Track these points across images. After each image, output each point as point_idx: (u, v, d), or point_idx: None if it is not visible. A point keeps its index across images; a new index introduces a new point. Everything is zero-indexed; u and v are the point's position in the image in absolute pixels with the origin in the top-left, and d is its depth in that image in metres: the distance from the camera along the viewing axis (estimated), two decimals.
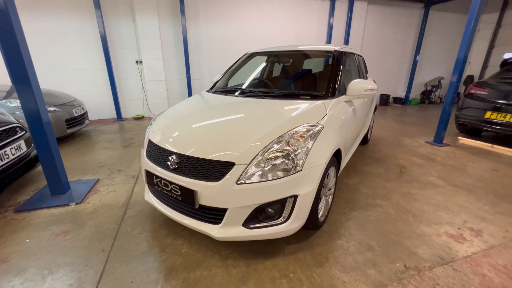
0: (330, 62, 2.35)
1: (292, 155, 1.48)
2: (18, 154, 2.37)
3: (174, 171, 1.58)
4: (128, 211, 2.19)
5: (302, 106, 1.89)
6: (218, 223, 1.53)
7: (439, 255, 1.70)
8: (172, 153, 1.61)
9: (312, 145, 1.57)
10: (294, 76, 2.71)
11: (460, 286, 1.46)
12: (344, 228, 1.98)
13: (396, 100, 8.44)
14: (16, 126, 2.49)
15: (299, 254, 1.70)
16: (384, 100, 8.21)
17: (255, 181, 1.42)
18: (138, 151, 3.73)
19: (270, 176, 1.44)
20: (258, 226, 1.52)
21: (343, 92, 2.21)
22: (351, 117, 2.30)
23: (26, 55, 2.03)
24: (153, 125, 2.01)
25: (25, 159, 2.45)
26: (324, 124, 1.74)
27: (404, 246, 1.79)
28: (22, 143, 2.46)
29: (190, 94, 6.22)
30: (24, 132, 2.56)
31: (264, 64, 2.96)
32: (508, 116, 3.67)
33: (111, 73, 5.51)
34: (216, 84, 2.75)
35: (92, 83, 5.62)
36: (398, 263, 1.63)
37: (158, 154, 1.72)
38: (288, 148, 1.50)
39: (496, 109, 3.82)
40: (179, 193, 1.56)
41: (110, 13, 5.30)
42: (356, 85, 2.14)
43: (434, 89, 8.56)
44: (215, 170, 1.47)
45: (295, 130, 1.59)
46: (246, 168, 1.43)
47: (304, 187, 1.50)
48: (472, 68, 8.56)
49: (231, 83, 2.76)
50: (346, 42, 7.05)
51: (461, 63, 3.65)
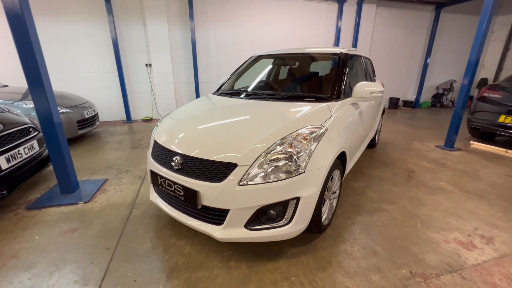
0: (336, 64, 2.33)
1: (295, 157, 1.48)
2: (31, 153, 2.46)
3: (178, 171, 1.60)
4: (133, 211, 2.23)
5: (306, 108, 1.89)
6: (220, 224, 1.53)
7: (447, 262, 1.65)
8: (176, 153, 1.63)
9: (315, 147, 1.56)
10: (300, 78, 2.71)
11: None
12: (348, 232, 1.95)
13: (406, 103, 8.29)
14: (30, 127, 2.59)
15: (301, 258, 1.69)
16: (393, 103, 8.07)
17: (257, 182, 1.42)
18: (145, 152, 3.80)
19: (272, 177, 1.43)
20: (260, 228, 1.51)
21: (348, 94, 2.19)
22: (357, 119, 2.27)
23: (40, 60, 2.11)
24: (159, 126, 2.04)
25: (37, 159, 2.54)
26: (328, 126, 1.73)
27: (411, 252, 1.74)
28: (35, 143, 2.55)
29: (197, 97, 6.30)
30: (37, 132, 2.65)
31: (269, 67, 2.97)
32: None
33: (122, 76, 5.65)
34: (222, 87, 2.78)
35: (104, 86, 5.78)
36: (403, 269, 1.59)
37: (162, 154, 1.74)
38: (291, 150, 1.50)
39: (510, 112, 3.69)
40: (182, 193, 1.57)
41: (121, 18, 5.46)
42: (362, 87, 2.12)
43: (446, 92, 8.36)
44: (217, 171, 1.48)
45: (299, 132, 1.58)
46: (248, 169, 1.43)
47: (306, 189, 1.49)
48: (486, 71, 8.32)
49: (237, 86, 2.79)
50: (355, 44, 6.99)
51: (472, 66, 3.55)
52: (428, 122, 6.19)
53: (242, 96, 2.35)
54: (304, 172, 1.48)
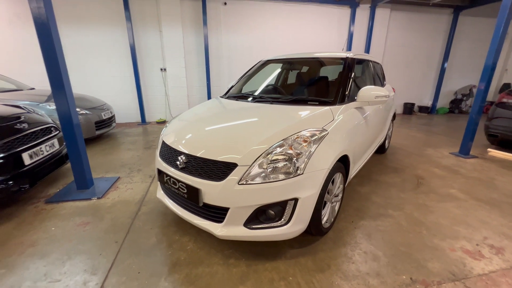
0: (341, 69, 2.35)
1: (294, 158, 1.51)
2: (52, 151, 2.64)
3: (182, 170, 1.68)
4: (142, 208, 2.34)
5: (309, 111, 1.92)
6: (221, 221, 1.58)
7: (451, 271, 1.61)
8: (181, 153, 1.71)
9: (315, 149, 1.58)
10: (305, 82, 2.74)
11: None
12: (350, 236, 1.94)
13: (422, 109, 8.04)
14: (51, 126, 2.78)
15: (300, 259, 1.70)
16: (408, 108, 7.86)
17: (256, 182, 1.47)
18: None
19: (271, 178, 1.48)
20: (259, 227, 1.55)
21: (353, 98, 2.20)
22: (362, 124, 2.27)
23: (62, 66, 2.29)
24: (167, 127, 2.15)
25: (57, 156, 2.72)
26: (330, 129, 1.75)
27: (413, 258, 1.71)
28: (55, 141, 2.74)
29: None
30: (58, 132, 2.85)
31: (276, 71, 3.02)
32: None
33: (138, 80, 5.92)
34: (230, 90, 2.86)
35: (121, 89, 6.07)
36: (404, 275, 1.57)
37: (169, 154, 1.83)
38: (290, 151, 1.53)
39: None
40: (186, 191, 1.65)
41: (139, 25, 5.74)
42: (366, 92, 2.12)
43: (464, 98, 8.04)
44: (219, 170, 1.54)
45: (299, 134, 1.62)
46: (248, 169, 1.48)
47: (305, 190, 1.52)
48: (509, 76, 7.93)
49: (245, 89, 2.86)
50: (367, 49, 6.91)
51: (489, 70, 3.43)
52: (444, 128, 5.98)
53: (248, 99, 2.42)
54: (303, 174, 1.51)
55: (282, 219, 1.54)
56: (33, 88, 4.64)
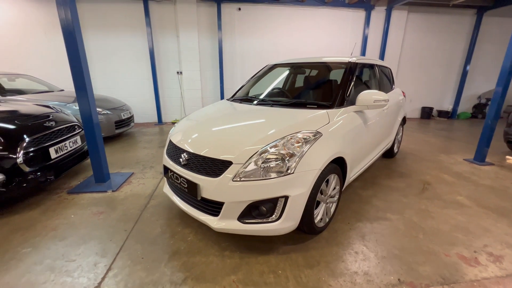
0: (342, 73, 2.41)
1: (286, 158, 1.61)
2: (75, 146, 2.93)
3: (184, 166, 1.83)
4: (151, 201, 2.53)
5: (306, 114, 2.00)
6: (217, 215, 1.71)
7: (441, 275, 1.61)
8: (184, 151, 1.87)
9: (307, 150, 1.67)
10: (307, 86, 2.81)
11: None
12: (344, 237, 1.98)
13: (441, 113, 7.73)
14: (75, 124, 3.08)
15: (292, 255, 1.78)
16: (426, 113, 7.59)
17: (249, 179, 1.58)
18: None
19: (263, 176, 1.58)
20: (251, 221, 1.66)
21: (353, 102, 2.24)
22: (361, 127, 2.30)
23: (85, 70, 2.54)
24: (175, 127, 2.32)
25: (79, 152, 3.01)
26: (324, 131, 1.82)
27: (404, 261, 1.73)
28: (78, 138, 3.02)
29: None
30: (81, 129, 3.13)
31: (281, 75, 3.11)
32: None
33: (156, 82, 6.26)
34: (237, 93, 3.00)
35: (140, 91, 6.45)
36: (392, 276, 1.60)
37: (174, 152, 2.00)
38: (282, 151, 1.63)
39: None
40: (186, 185, 1.79)
41: (158, 30, 6.08)
42: (365, 96, 2.16)
43: (489, 102, 7.60)
44: (216, 167, 1.67)
45: (292, 135, 1.71)
46: (242, 167, 1.60)
47: (295, 189, 1.61)
48: None
49: (252, 92, 2.98)
50: (382, 52, 6.79)
51: (506, 73, 3.30)
52: (463, 134, 5.72)
53: (251, 102, 2.53)
54: (293, 173, 1.60)
55: (274, 215, 1.64)
56: (62, 90, 5.09)
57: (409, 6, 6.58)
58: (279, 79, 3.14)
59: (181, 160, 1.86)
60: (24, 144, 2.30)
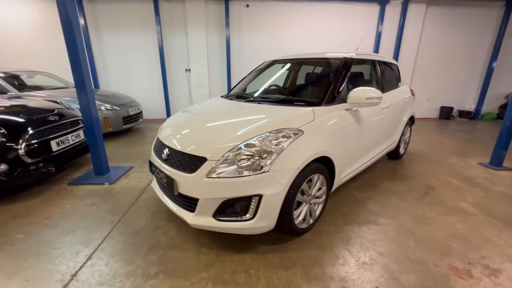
0: (334, 69, 2.30)
1: (260, 156, 1.57)
2: (77, 140, 3.06)
3: (165, 162, 1.85)
4: (143, 195, 2.59)
5: (291, 111, 1.94)
6: (194, 211, 1.71)
7: (425, 286, 1.50)
8: (166, 146, 1.89)
9: (284, 149, 1.61)
10: (299, 83, 2.73)
11: None
12: (327, 240, 1.91)
13: (463, 113, 7.21)
14: (79, 119, 3.22)
15: (269, 255, 1.74)
16: (445, 113, 7.12)
17: (222, 176, 1.56)
18: None
19: (236, 173, 1.55)
20: (226, 219, 1.64)
21: (344, 100, 2.14)
22: (353, 126, 2.19)
23: (84, 67, 2.64)
24: (163, 124, 2.35)
25: (82, 145, 3.14)
26: (306, 130, 1.76)
27: (387, 269, 1.63)
28: (81, 132, 3.16)
29: None
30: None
31: (277, 71, 3.04)
32: None
33: (165, 79, 6.41)
34: (233, 90, 2.98)
35: (150, 88, 6.63)
36: (369, 285, 1.51)
37: (158, 147, 2.03)
38: (258, 149, 1.59)
39: None
40: (165, 180, 1.81)
41: (167, 28, 6.20)
42: (356, 93, 2.06)
43: None
44: (192, 163, 1.67)
45: (270, 133, 1.66)
46: (216, 164, 1.58)
47: (269, 188, 1.56)
48: None
49: (249, 89, 2.94)
50: (397, 49, 6.45)
51: None
52: (484, 135, 5.30)
53: (243, 99, 2.50)
54: (268, 171, 1.55)
55: (248, 214, 1.61)
56: None
57: (428, 0, 6.18)
58: (275, 75, 3.07)
59: (163, 155, 1.88)
60: (27, 137, 2.43)
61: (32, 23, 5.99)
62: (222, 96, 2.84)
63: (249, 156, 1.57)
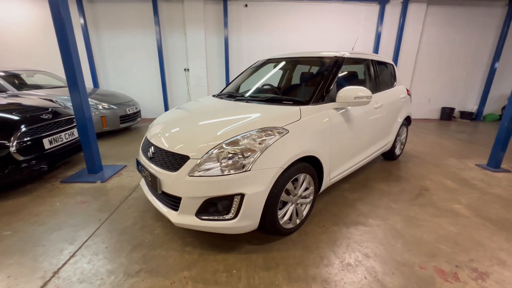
0: (324, 69, 2.28)
1: (242, 155, 1.55)
2: (70, 138, 3.08)
3: (150, 160, 1.85)
4: (133, 194, 2.59)
5: (277, 110, 1.93)
6: (177, 210, 1.70)
7: None
8: (152, 144, 1.88)
9: (268, 147, 1.60)
10: (289, 82, 2.72)
11: None
12: (314, 240, 1.88)
13: (464, 114, 7.11)
14: (73, 118, 3.24)
15: (253, 255, 1.73)
16: (446, 114, 7.03)
17: (204, 175, 1.55)
18: None
19: (218, 172, 1.54)
20: (208, 218, 1.62)
21: (334, 99, 2.12)
22: (343, 126, 2.17)
23: (77, 66, 2.65)
24: (153, 122, 2.35)
25: (75, 144, 3.16)
26: (291, 128, 1.74)
27: (371, 270, 1.60)
28: (75, 131, 3.18)
29: None
30: None
31: (269, 70, 3.02)
32: None
33: (164, 79, 6.44)
34: (225, 89, 2.97)
35: (149, 87, 6.66)
36: (351, 286, 1.48)
37: (145, 145, 2.03)
38: (240, 148, 1.58)
39: None
40: (150, 178, 1.81)
41: (166, 28, 6.23)
42: (345, 92, 2.03)
43: None
44: (175, 161, 1.66)
45: (253, 132, 1.65)
46: (198, 162, 1.57)
47: (251, 187, 1.55)
48: None
49: (242, 88, 2.92)
50: (397, 49, 6.39)
51: None
52: (484, 137, 5.22)
53: (233, 98, 2.49)
54: (250, 170, 1.54)
55: (230, 214, 1.59)
56: None
57: None
58: (269, 74, 3.06)
59: (148, 154, 1.87)
60: (19, 134, 2.45)
61: (32, 22, 6.07)
62: (214, 95, 2.83)
63: (231, 155, 1.56)
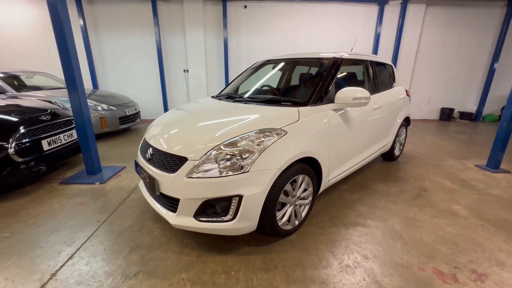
0: (322, 70, 2.28)
1: (240, 156, 1.55)
2: (69, 140, 3.08)
3: (149, 161, 1.84)
4: (132, 195, 2.59)
5: (276, 111, 1.92)
6: (175, 211, 1.70)
7: None
8: (150, 146, 1.88)
9: (266, 148, 1.60)
10: (287, 83, 2.72)
11: None
12: (312, 242, 1.88)
13: (464, 115, 7.11)
14: (72, 119, 3.23)
15: (251, 256, 1.72)
16: (446, 114, 7.04)
17: (202, 176, 1.54)
18: None
19: (216, 173, 1.54)
20: (207, 220, 1.62)
21: (332, 100, 2.12)
22: (341, 127, 2.17)
23: (76, 67, 2.64)
24: (151, 124, 2.35)
25: (74, 145, 3.16)
26: (290, 130, 1.74)
27: (370, 272, 1.60)
28: (74, 132, 3.18)
29: None
30: None
31: (268, 71, 3.02)
32: None
33: (163, 80, 6.44)
34: (224, 90, 2.97)
35: (148, 88, 6.66)
36: None
37: (143, 146, 2.02)
38: (238, 149, 1.57)
39: None
40: (148, 180, 1.80)
41: (166, 29, 6.23)
42: (344, 93, 2.03)
43: None
44: (173, 163, 1.66)
45: (251, 133, 1.65)
46: (196, 164, 1.57)
47: (250, 188, 1.54)
48: None
49: (241, 89, 2.92)
50: (396, 49, 6.39)
51: None
52: (484, 137, 5.22)
53: (231, 99, 2.48)
54: (248, 172, 1.53)
55: (228, 215, 1.59)
56: None
57: (428, 0, 6.12)
58: (268, 75, 3.06)
59: (147, 155, 1.87)
60: (17, 136, 2.45)
61: (31, 23, 6.07)
62: (213, 96, 2.83)
63: (229, 156, 1.56)
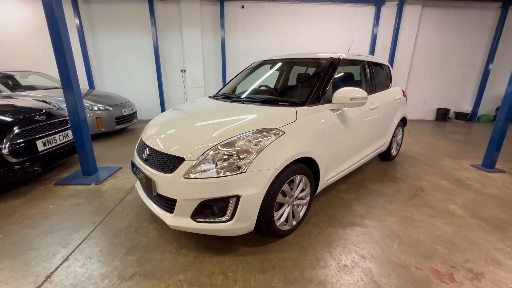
0: (320, 70, 2.28)
1: (238, 156, 1.54)
2: (65, 140, 3.05)
3: (145, 162, 1.83)
4: (128, 196, 2.56)
5: (273, 111, 1.92)
6: (172, 212, 1.68)
7: None
8: (147, 146, 1.87)
9: (263, 149, 1.59)
10: (285, 83, 2.72)
11: None
12: (310, 242, 1.88)
13: (459, 115, 7.18)
14: (68, 119, 3.20)
15: (249, 257, 1.72)
16: (442, 115, 7.09)
17: (199, 177, 1.53)
18: None
19: (214, 174, 1.53)
20: (204, 220, 1.61)
21: (330, 100, 2.12)
22: (339, 127, 2.17)
23: (71, 67, 2.62)
24: (148, 124, 2.33)
25: (70, 146, 3.12)
26: (287, 130, 1.74)
27: (367, 272, 1.60)
28: (69, 132, 3.14)
29: None
30: None
31: (265, 71, 3.02)
32: None
33: (160, 80, 6.40)
34: (221, 90, 2.96)
35: (145, 89, 6.62)
36: None
37: (140, 147, 2.00)
38: (236, 149, 1.57)
39: None
40: (145, 180, 1.79)
41: (163, 29, 6.20)
42: (341, 93, 2.04)
43: None
44: (170, 163, 1.65)
45: (248, 133, 1.64)
46: (194, 164, 1.56)
47: (247, 189, 1.54)
48: None
49: (239, 89, 2.92)
50: (393, 50, 6.43)
51: None
52: (479, 137, 5.27)
53: (229, 99, 2.48)
54: (245, 172, 1.53)
55: (226, 215, 1.58)
56: None
57: (423, 1, 6.18)
58: (265, 75, 3.06)
59: (143, 155, 1.86)
60: (11, 136, 2.42)
61: (27, 22, 6.01)
62: (210, 96, 2.82)
63: (227, 156, 1.55)
